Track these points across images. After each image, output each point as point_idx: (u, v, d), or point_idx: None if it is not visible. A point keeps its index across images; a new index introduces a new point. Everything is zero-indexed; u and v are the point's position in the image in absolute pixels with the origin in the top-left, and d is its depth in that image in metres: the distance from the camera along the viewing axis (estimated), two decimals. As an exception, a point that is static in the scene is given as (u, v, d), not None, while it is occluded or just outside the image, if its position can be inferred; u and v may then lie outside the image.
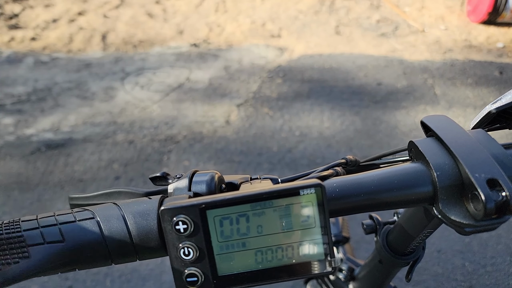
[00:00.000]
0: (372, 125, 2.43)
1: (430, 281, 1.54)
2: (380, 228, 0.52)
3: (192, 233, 0.26)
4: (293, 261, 0.27)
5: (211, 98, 2.73)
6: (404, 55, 3.30)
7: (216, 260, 0.27)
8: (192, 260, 0.26)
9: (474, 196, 0.25)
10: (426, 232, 0.42)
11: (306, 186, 0.25)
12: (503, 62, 3.19)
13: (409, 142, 0.30)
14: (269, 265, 0.27)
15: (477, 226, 0.25)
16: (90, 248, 0.26)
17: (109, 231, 0.27)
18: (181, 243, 0.26)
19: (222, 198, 0.26)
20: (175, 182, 0.31)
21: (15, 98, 2.74)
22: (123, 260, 0.28)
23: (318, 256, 0.27)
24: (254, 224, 0.26)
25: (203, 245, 0.26)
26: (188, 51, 3.44)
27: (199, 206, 0.26)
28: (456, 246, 1.66)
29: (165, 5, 4.44)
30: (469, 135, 0.28)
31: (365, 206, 0.28)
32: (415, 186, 0.27)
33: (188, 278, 0.26)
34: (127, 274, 1.55)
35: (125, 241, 0.27)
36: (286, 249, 0.27)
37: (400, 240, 0.48)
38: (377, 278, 0.59)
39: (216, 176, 0.31)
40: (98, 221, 0.27)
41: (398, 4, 4.43)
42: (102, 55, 3.39)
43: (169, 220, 0.26)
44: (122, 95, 2.78)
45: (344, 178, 0.29)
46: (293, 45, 3.54)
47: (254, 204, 0.26)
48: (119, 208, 0.28)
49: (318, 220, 0.26)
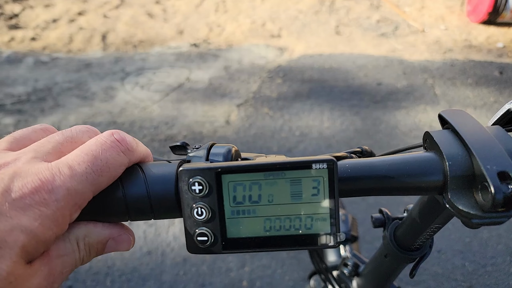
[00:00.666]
0: (372, 125, 2.43)
1: (430, 281, 1.54)
2: (389, 222, 0.52)
3: (206, 194, 0.27)
4: (300, 232, 0.28)
5: (211, 98, 2.73)
6: (404, 55, 3.30)
7: (226, 223, 0.28)
8: (204, 220, 0.28)
9: (483, 187, 0.25)
10: (434, 228, 0.42)
11: (319, 160, 0.27)
12: (503, 62, 3.19)
13: (424, 132, 0.31)
14: (276, 233, 0.28)
15: (484, 218, 0.26)
16: (111, 202, 0.28)
17: (129, 189, 0.28)
18: (195, 203, 0.27)
19: (238, 165, 0.27)
20: (194, 151, 0.32)
21: (15, 98, 2.74)
22: (140, 217, 0.29)
23: (324, 229, 0.28)
24: (266, 193, 0.27)
25: (216, 207, 0.28)
26: (188, 51, 3.44)
27: (215, 170, 0.27)
28: (456, 246, 1.66)
29: (165, 5, 4.44)
30: (485, 129, 0.28)
31: (374, 189, 0.29)
32: (426, 174, 0.28)
33: (199, 237, 0.28)
34: (128, 273, 1.55)
35: (143, 200, 0.28)
36: (294, 219, 0.28)
37: (407, 235, 0.48)
38: (381, 274, 0.59)
39: (233, 149, 0.32)
40: (120, 178, 0.28)
41: (398, 4, 4.43)
42: (102, 55, 3.38)
43: (186, 181, 0.27)
44: (122, 95, 2.78)
45: (357, 160, 0.30)
46: (293, 45, 3.54)
47: (268, 173, 0.27)
48: (141, 169, 0.29)
49: (328, 195, 0.27)
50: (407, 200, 1.84)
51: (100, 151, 0.26)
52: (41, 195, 0.23)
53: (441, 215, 0.39)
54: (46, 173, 0.23)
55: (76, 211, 0.25)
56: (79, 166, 0.25)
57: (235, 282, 1.52)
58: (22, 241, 0.21)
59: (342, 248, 0.84)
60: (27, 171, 0.23)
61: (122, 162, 0.27)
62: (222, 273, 1.55)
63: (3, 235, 0.21)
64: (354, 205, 1.82)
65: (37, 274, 0.23)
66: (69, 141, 0.28)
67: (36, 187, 0.23)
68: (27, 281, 0.22)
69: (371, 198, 1.84)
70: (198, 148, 0.32)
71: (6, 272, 0.21)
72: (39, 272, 0.23)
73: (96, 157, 0.25)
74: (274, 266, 1.58)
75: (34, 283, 0.23)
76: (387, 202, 1.81)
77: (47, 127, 0.30)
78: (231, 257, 1.61)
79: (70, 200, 0.24)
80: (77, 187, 0.24)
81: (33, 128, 0.29)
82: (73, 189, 0.24)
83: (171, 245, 1.67)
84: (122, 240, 0.29)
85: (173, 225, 1.75)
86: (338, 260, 0.81)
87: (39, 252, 0.23)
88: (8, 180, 0.23)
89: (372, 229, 1.68)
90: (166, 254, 1.63)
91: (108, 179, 0.26)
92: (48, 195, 0.23)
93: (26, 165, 0.24)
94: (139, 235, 1.71)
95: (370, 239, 1.67)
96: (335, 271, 0.77)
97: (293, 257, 1.62)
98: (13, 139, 0.27)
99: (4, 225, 0.21)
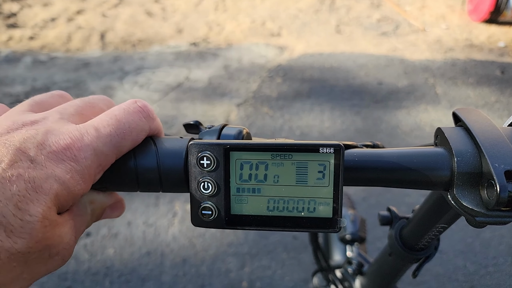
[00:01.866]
0: (373, 124, 2.42)
1: (432, 281, 1.53)
2: (395, 220, 0.52)
3: (214, 169, 0.28)
4: (302, 214, 0.28)
5: (211, 98, 2.72)
6: (405, 54, 3.29)
7: (231, 199, 0.29)
8: (209, 194, 0.28)
9: (490, 185, 0.25)
10: (440, 227, 0.42)
11: (326, 145, 0.27)
12: (505, 62, 3.17)
13: (436, 128, 0.31)
14: (278, 213, 0.28)
15: (488, 216, 0.26)
16: (123, 172, 0.29)
17: (141, 160, 0.29)
18: (202, 177, 0.28)
19: (246, 143, 0.28)
20: (206, 131, 0.33)
21: (13, 98, 2.73)
22: (149, 189, 0.30)
23: (326, 214, 0.28)
24: (272, 173, 0.28)
25: (222, 183, 0.28)
26: (187, 50, 3.43)
27: (224, 146, 0.28)
28: (458, 247, 1.64)
29: (164, 4, 4.42)
30: (499, 130, 0.28)
31: (380, 180, 0.29)
32: (433, 169, 0.27)
33: (204, 210, 0.29)
34: (127, 274, 1.54)
35: (153, 172, 0.29)
36: (298, 202, 0.28)
37: (413, 234, 0.48)
38: (385, 274, 0.59)
39: (244, 131, 0.33)
40: (134, 150, 0.29)
41: (399, 3, 4.42)
42: (100, 54, 3.37)
43: (195, 155, 0.28)
44: (121, 95, 2.77)
45: (365, 150, 0.30)
46: (293, 44, 3.52)
47: (275, 154, 0.28)
48: (153, 142, 0.30)
49: (333, 180, 0.27)
50: (409, 201, 1.82)
51: (123, 115, 0.28)
52: (72, 152, 0.24)
53: (447, 214, 0.39)
54: (75, 133, 0.25)
55: (99, 172, 0.26)
56: (104, 129, 0.26)
57: (235, 282, 1.51)
58: (55, 189, 0.23)
59: (348, 248, 0.84)
60: (58, 129, 0.25)
61: (144, 128, 0.29)
62: (221, 274, 1.54)
63: (39, 182, 0.22)
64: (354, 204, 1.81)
65: (65, 224, 0.25)
66: (89, 106, 0.30)
67: (68, 144, 0.24)
68: (58, 228, 0.24)
69: (372, 199, 1.83)
70: (210, 128, 0.33)
71: (42, 215, 0.22)
72: (66, 223, 0.25)
73: (120, 121, 0.27)
74: (274, 267, 1.57)
75: (63, 231, 0.24)
76: (388, 203, 1.79)
77: (63, 93, 0.32)
78: (231, 258, 1.60)
79: (95, 160, 0.25)
80: (102, 149, 0.26)
81: (52, 94, 0.31)
82: (99, 150, 0.26)
83: (171, 246, 1.65)
84: (116, 207, 0.33)
85: (173, 226, 1.74)
86: (343, 260, 0.81)
87: (68, 205, 0.25)
88: (42, 135, 0.24)
89: (371, 230, 1.66)
90: (166, 254, 1.62)
91: (131, 143, 0.28)
92: (78, 153, 0.25)
93: (56, 124, 0.26)
94: (138, 236, 1.69)
95: (369, 239, 1.66)
96: (339, 269, 0.77)
97: (293, 257, 1.60)
98: (34, 102, 0.29)
99: (40, 173, 0.23)
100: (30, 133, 0.24)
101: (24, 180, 0.22)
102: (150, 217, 1.78)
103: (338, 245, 0.86)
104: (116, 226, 1.73)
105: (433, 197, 0.41)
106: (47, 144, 0.24)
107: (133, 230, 1.72)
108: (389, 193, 1.85)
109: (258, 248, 1.64)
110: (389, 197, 1.84)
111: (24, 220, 0.21)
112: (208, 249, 1.64)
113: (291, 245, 1.65)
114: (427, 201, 0.43)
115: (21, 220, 0.21)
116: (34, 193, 0.22)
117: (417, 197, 1.81)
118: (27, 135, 0.24)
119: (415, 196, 1.82)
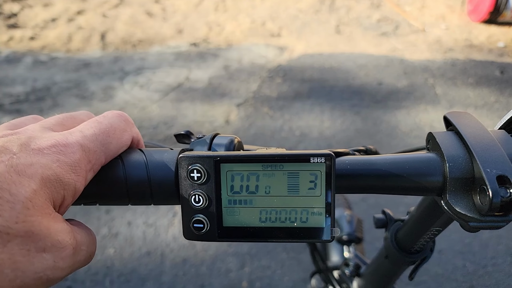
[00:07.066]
0: (373, 125, 2.42)
1: (431, 281, 1.53)
2: (391, 223, 0.52)
3: (204, 182, 0.28)
4: (295, 225, 0.28)
5: (211, 98, 2.72)
6: (404, 55, 3.29)
7: (223, 211, 0.28)
8: (201, 207, 0.28)
9: (482, 190, 0.25)
10: (434, 231, 0.42)
11: (317, 154, 0.26)
12: (504, 62, 3.18)
13: (428, 133, 0.31)
14: (271, 224, 0.28)
15: (482, 221, 0.25)
16: (112, 186, 0.28)
17: (131, 173, 0.29)
18: (193, 190, 0.28)
19: (237, 154, 0.28)
20: (197, 141, 0.32)
21: (14, 98, 2.74)
22: (140, 202, 0.29)
23: (319, 224, 0.28)
24: (263, 184, 0.28)
25: (213, 196, 0.28)
26: (187, 50, 3.43)
27: (214, 158, 0.27)
28: (456, 247, 1.65)
29: (164, 4, 4.43)
30: (489, 133, 0.28)
31: (373, 187, 0.29)
32: (426, 174, 0.27)
33: (195, 223, 0.28)
34: (127, 274, 1.54)
35: (143, 185, 0.29)
36: (290, 212, 0.28)
37: (408, 237, 0.48)
38: (381, 276, 0.59)
39: (236, 140, 0.32)
40: (123, 162, 0.29)
41: (399, 3, 4.42)
42: (101, 54, 3.37)
43: (185, 167, 0.28)
44: (121, 95, 2.77)
45: (357, 157, 0.30)
46: (293, 44, 3.53)
47: (266, 164, 0.27)
48: (143, 154, 0.30)
49: (325, 189, 0.27)
50: (407, 201, 1.83)
51: (104, 119, 0.29)
52: (58, 148, 0.24)
53: (440, 218, 0.39)
54: (59, 136, 0.25)
55: (90, 170, 0.26)
56: (88, 130, 0.27)
57: (235, 282, 1.51)
58: (41, 173, 0.23)
59: (345, 249, 0.84)
60: (41, 135, 0.25)
61: (125, 129, 0.30)
62: (221, 274, 1.54)
63: (23, 167, 0.22)
64: (353, 205, 1.81)
65: (59, 221, 0.24)
66: (70, 117, 0.30)
67: (53, 143, 0.25)
68: (46, 218, 0.23)
69: (371, 200, 1.83)
70: (201, 138, 0.33)
71: (24, 196, 0.22)
72: (62, 222, 0.24)
73: (102, 123, 0.28)
74: (273, 267, 1.57)
75: (53, 226, 0.23)
76: (386, 203, 1.80)
77: (38, 116, 0.32)
78: (231, 258, 1.60)
79: (84, 156, 0.25)
80: (89, 145, 0.26)
81: (26, 117, 0.31)
82: (86, 146, 0.26)
83: (171, 246, 1.66)
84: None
85: (173, 226, 1.74)
86: (340, 260, 0.81)
87: (60, 194, 0.24)
88: (25, 139, 0.24)
89: (369, 231, 1.67)
90: (166, 254, 1.62)
91: (116, 141, 0.28)
92: (65, 148, 0.25)
93: (38, 132, 0.26)
94: (138, 236, 1.70)
95: (370, 239, 1.66)
96: (336, 271, 0.77)
97: (292, 257, 1.61)
98: (10, 124, 0.29)
99: (23, 161, 0.23)
100: (13, 137, 0.24)
101: (5, 165, 0.22)
102: (150, 217, 1.78)
103: (335, 246, 0.87)
104: (116, 226, 1.74)
105: (426, 201, 0.41)
106: (31, 144, 0.24)
107: (133, 230, 1.72)
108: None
109: (257, 248, 1.64)
110: (388, 197, 1.84)
111: (3, 198, 0.21)
112: (208, 249, 1.65)
113: (290, 245, 1.65)
114: (420, 205, 0.43)
115: (0, 198, 0.21)
116: (16, 175, 0.22)
117: (416, 197, 1.81)
118: (10, 138, 0.24)
119: (414, 196, 1.83)
